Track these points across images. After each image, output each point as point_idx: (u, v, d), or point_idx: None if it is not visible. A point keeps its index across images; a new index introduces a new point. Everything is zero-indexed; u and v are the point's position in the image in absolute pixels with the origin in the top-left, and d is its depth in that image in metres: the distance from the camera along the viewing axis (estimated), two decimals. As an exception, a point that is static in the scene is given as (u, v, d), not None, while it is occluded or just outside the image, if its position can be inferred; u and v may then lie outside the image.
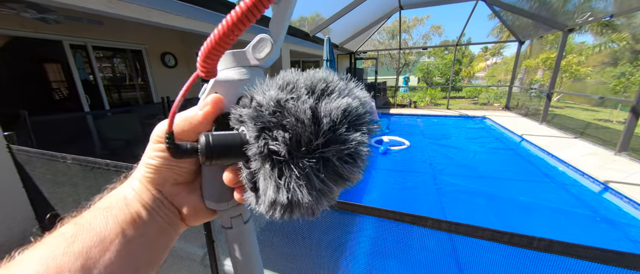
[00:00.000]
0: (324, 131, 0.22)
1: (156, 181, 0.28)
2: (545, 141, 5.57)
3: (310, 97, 0.23)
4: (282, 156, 0.21)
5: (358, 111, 0.24)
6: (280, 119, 0.22)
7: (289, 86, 0.23)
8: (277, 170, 0.22)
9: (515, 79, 10.34)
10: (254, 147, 0.22)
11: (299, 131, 0.21)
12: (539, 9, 6.78)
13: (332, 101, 0.23)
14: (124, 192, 0.28)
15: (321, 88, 0.24)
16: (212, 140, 0.22)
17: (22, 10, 3.49)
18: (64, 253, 0.21)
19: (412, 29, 21.53)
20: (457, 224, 0.67)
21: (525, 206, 3.52)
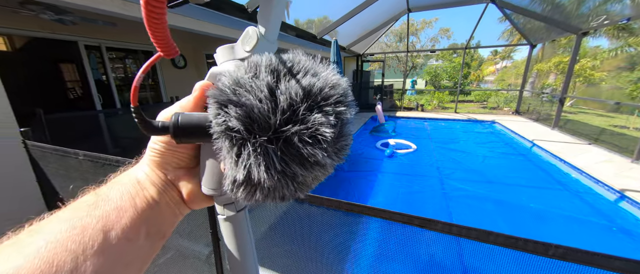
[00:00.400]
0: (283, 109, 0.21)
1: (161, 164, 0.30)
2: (557, 147, 5.41)
3: (273, 76, 0.23)
4: (239, 133, 0.21)
5: (323, 91, 0.23)
6: (239, 97, 0.22)
7: (254, 68, 0.24)
8: (235, 148, 0.22)
9: (526, 83, 10.11)
10: (214, 125, 0.22)
11: (255, 108, 0.21)
12: (551, 12, 6.63)
13: (295, 81, 0.23)
14: (135, 173, 0.30)
15: (286, 68, 0.24)
16: (180, 119, 0.23)
17: (40, 12, 3.63)
18: (88, 215, 0.24)
19: (420, 32, 21.39)
20: (469, 228, 0.65)
21: (536, 213, 3.41)
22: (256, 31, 0.28)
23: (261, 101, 0.21)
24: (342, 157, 0.25)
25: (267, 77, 0.22)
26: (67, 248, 0.21)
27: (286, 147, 0.22)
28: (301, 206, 1.09)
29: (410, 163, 5.29)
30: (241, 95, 0.22)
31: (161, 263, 1.30)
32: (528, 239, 0.61)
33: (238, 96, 0.22)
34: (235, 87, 0.22)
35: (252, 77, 0.23)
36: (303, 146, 0.21)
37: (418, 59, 22.01)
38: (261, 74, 0.23)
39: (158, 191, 0.29)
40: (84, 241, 0.22)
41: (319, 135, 0.22)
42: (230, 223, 0.33)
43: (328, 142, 0.23)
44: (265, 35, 0.28)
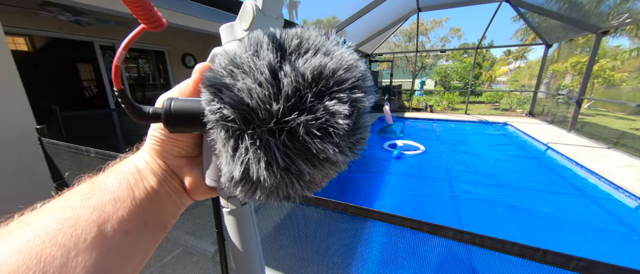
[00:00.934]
0: (287, 95, 0.18)
1: (161, 152, 0.29)
2: (573, 151, 5.20)
3: (276, 55, 0.19)
4: (235, 123, 0.18)
5: (336, 74, 0.19)
6: (236, 79, 0.18)
7: (255, 44, 0.20)
8: (232, 140, 0.19)
9: (541, 84, 9.79)
10: (209, 113, 0.19)
11: (253, 92, 0.18)
12: (569, 10, 6.38)
13: (302, 61, 0.19)
14: (135, 161, 0.29)
15: (293, 45, 0.20)
16: (173, 105, 0.21)
17: (58, 13, 3.76)
18: (82, 206, 0.23)
19: (430, 32, 21.05)
20: (482, 236, 0.62)
21: (550, 219, 3.29)
22: (253, 5, 0.23)
23: (261, 85, 0.18)
24: (357, 153, 0.22)
25: (269, 55, 0.19)
26: (57, 242, 0.20)
27: (291, 141, 0.18)
28: (306, 208, 1.07)
29: (418, 165, 5.20)
30: (237, 77, 0.18)
31: (168, 260, 1.32)
32: (547, 250, 0.57)
33: (234, 78, 0.19)
34: (231, 68, 0.19)
35: (252, 55, 0.19)
36: (311, 139, 0.18)
37: (427, 59, 21.67)
38: (262, 52, 0.19)
39: (158, 181, 0.28)
40: (76, 234, 0.21)
41: (331, 127, 0.18)
42: (234, 216, 0.31)
43: (341, 135, 0.19)
44: (263, 10, 0.24)
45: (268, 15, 0.25)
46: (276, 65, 0.19)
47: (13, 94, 2.12)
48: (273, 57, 0.19)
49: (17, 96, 2.14)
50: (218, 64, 0.20)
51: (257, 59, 0.19)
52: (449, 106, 12.89)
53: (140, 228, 0.25)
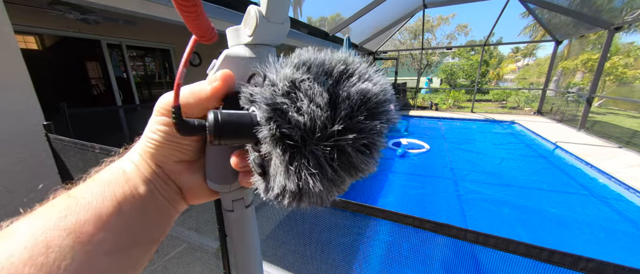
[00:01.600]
0: (341, 117, 0.20)
1: (157, 156, 0.26)
2: (583, 150, 5.08)
3: (328, 79, 0.21)
4: (295, 141, 0.20)
5: (378, 98, 0.22)
6: (294, 100, 0.20)
7: (305, 66, 0.21)
8: (288, 155, 0.20)
9: (550, 81, 9.57)
10: (265, 129, 0.20)
11: (314, 115, 0.20)
12: (580, 6, 6.21)
13: (352, 85, 0.21)
14: (123, 165, 0.26)
15: (340, 70, 0.22)
16: (221, 118, 0.21)
17: (67, 12, 3.82)
18: (55, 228, 0.19)
19: (436, 29, 20.77)
20: (486, 235, 0.61)
21: (558, 220, 3.22)
22: (256, 11, 0.24)
23: (321, 108, 0.20)
24: (378, 161, 0.24)
25: (327, 81, 0.21)
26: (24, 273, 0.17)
27: (339, 156, 0.20)
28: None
29: (422, 163, 5.15)
30: (297, 99, 0.20)
31: (172, 255, 1.33)
32: (554, 250, 0.55)
33: (293, 100, 0.20)
34: (290, 89, 0.20)
35: (308, 78, 0.21)
36: (355, 154, 0.21)
37: (433, 57, 21.40)
38: (319, 77, 0.21)
39: (150, 189, 0.25)
40: (47, 262, 0.18)
41: (373, 144, 0.21)
42: (238, 218, 0.32)
43: (379, 150, 0.22)
44: (267, 16, 0.24)
45: (272, 21, 0.25)
46: (331, 89, 0.21)
47: (23, 91, 2.16)
48: (330, 83, 0.21)
49: (27, 93, 2.18)
50: (271, 81, 0.21)
51: (316, 84, 0.21)
52: (455, 104, 12.72)
53: (128, 246, 0.23)
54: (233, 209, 0.30)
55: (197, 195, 0.29)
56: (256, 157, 0.23)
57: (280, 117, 0.20)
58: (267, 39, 0.26)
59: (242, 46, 0.27)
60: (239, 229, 0.32)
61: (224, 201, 0.31)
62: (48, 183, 2.17)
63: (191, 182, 0.28)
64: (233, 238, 0.33)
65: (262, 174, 0.23)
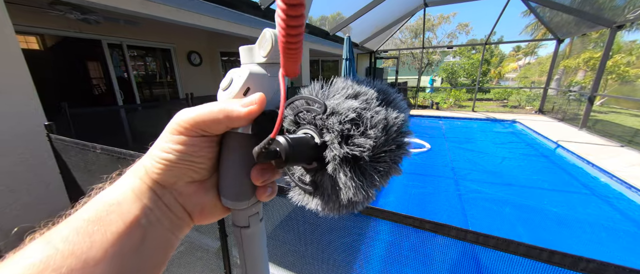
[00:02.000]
0: (393, 138, 0.25)
1: (167, 179, 0.24)
2: (584, 149, 5.07)
3: (382, 108, 0.25)
4: (361, 161, 0.24)
5: (406, 119, 0.27)
6: (358, 126, 0.24)
7: (361, 96, 0.26)
8: (355, 173, 0.24)
9: (552, 80, 9.53)
10: (336, 151, 0.23)
11: (378, 139, 0.23)
12: (582, 4, 6.17)
13: (395, 112, 0.26)
14: (117, 196, 0.23)
15: (383, 99, 0.27)
16: (292, 143, 0.23)
17: (67, 12, 3.83)
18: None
19: (436, 28, 20.70)
20: (486, 235, 0.60)
21: (559, 219, 3.22)
22: (272, 35, 0.26)
23: (381, 133, 0.24)
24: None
25: (383, 111, 0.25)
26: None
27: (384, 167, 0.25)
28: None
29: (423, 163, 5.15)
30: (362, 125, 0.24)
31: (173, 255, 1.34)
32: (554, 250, 0.55)
33: (358, 126, 0.24)
34: (356, 118, 0.24)
35: (366, 108, 0.25)
36: (393, 165, 0.26)
37: (434, 56, 21.34)
38: (375, 107, 0.25)
39: (150, 221, 0.23)
40: None
41: (404, 155, 0.26)
42: (254, 233, 0.31)
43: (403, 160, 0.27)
44: None
45: None
46: (386, 117, 0.25)
47: (25, 92, 2.17)
48: (384, 112, 0.25)
49: (29, 94, 2.19)
50: (334, 109, 0.24)
51: (375, 112, 0.24)
52: (456, 103, 12.69)
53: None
54: (249, 225, 0.30)
55: (209, 214, 0.28)
56: (302, 174, 0.27)
57: (349, 141, 0.23)
58: (279, 59, 0.27)
59: (252, 65, 0.28)
60: (253, 245, 0.32)
61: (239, 217, 0.30)
62: (52, 182, 2.18)
63: (204, 202, 0.27)
64: (246, 254, 0.32)
65: (313, 190, 0.26)
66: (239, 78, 0.26)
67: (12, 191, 2.11)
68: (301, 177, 0.27)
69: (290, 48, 0.22)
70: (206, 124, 0.24)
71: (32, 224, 0.23)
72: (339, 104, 0.24)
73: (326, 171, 0.24)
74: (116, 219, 0.21)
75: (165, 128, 0.25)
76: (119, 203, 0.22)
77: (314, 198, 0.26)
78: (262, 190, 0.28)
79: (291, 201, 0.28)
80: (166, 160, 0.24)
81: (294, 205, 1.05)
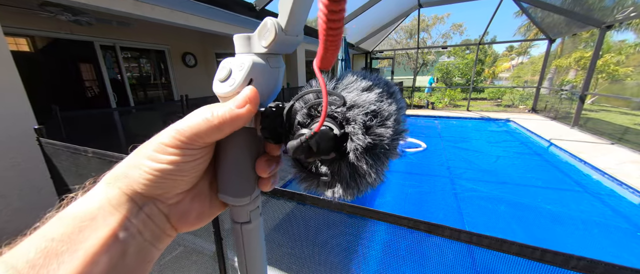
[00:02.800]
0: (400, 127, 0.27)
1: (153, 191, 0.22)
2: (576, 147, 5.16)
3: (392, 100, 0.27)
4: (382, 149, 0.25)
5: (403, 108, 0.28)
6: (375, 118, 0.25)
7: (374, 89, 0.26)
8: (374, 160, 0.25)
9: (544, 79, 9.69)
10: (360, 141, 0.24)
11: (394, 130, 0.25)
12: (572, 4, 6.29)
13: (397, 102, 0.27)
14: (90, 209, 0.20)
15: (390, 92, 0.28)
16: (319, 137, 0.24)
17: (58, 13, 3.76)
18: None
19: (431, 28, 20.89)
20: (480, 235, 0.61)
21: (553, 216, 3.27)
22: (275, 24, 0.24)
23: (395, 123, 0.25)
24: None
25: (394, 103, 0.26)
26: None
27: (391, 151, 0.27)
28: (304, 207, 1.07)
29: (419, 162, 5.18)
30: (381, 117, 0.25)
31: (167, 259, 1.32)
32: (546, 249, 0.56)
33: (376, 116, 0.25)
34: (374, 110, 0.25)
35: (387, 104, 0.26)
36: (394, 150, 0.27)
37: (429, 56, 21.53)
38: (390, 101, 0.26)
39: (130, 234, 0.21)
40: None
41: (402, 139, 0.28)
42: (255, 228, 0.31)
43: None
44: (286, 29, 0.25)
45: (290, 34, 0.25)
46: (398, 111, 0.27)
47: (13, 94, 2.12)
48: (396, 105, 0.26)
49: (18, 96, 2.15)
50: (354, 102, 0.25)
51: (387, 105, 0.26)
52: (451, 103, 12.81)
53: None
54: (250, 220, 0.29)
55: (194, 221, 0.27)
56: (319, 166, 0.27)
57: (370, 131, 0.24)
58: (280, 50, 0.27)
59: (249, 55, 0.26)
60: (254, 241, 0.31)
61: (241, 214, 0.29)
62: (42, 187, 2.13)
63: (189, 210, 0.26)
64: (247, 251, 0.31)
65: (330, 179, 0.27)
66: (241, 68, 0.25)
67: (3, 197, 2.06)
68: (319, 167, 0.28)
69: (332, 42, 0.22)
70: (207, 135, 0.23)
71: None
72: (358, 97, 0.25)
73: (344, 160, 0.25)
74: (89, 236, 0.19)
75: (155, 138, 0.23)
76: (93, 218, 0.20)
77: (329, 187, 0.27)
78: (266, 181, 0.28)
79: (303, 189, 0.29)
80: (158, 170, 0.22)
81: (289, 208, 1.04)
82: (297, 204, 1.05)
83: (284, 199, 0.95)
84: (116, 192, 0.22)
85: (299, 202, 0.96)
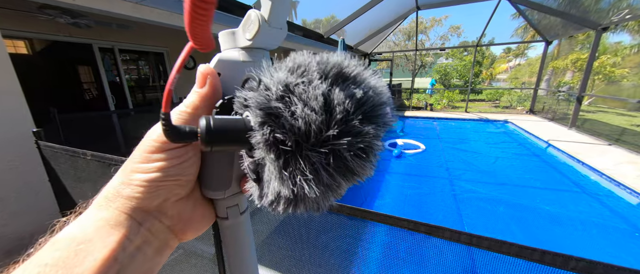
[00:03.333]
0: (336, 121, 0.19)
1: (151, 203, 0.22)
2: (574, 148, 5.18)
3: (323, 82, 0.20)
4: (289, 147, 0.19)
5: (374, 101, 0.21)
6: (288, 105, 0.20)
7: (300, 69, 0.21)
8: (282, 161, 0.20)
9: (542, 81, 9.76)
10: (258, 134, 0.20)
11: (308, 119, 0.19)
12: (568, 7, 6.35)
13: (347, 89, 0.21)
14: (86, 231, 0.20)
15: (335, 73, 0.21)
16: (213, 123, 0.20)
17: (57, 16, 3.76)
18: None
19: (429, 30, 21.01)
20: (479, 237, 0.61)
21: (552, 217, 3.27)
22: (258, 16, 0.24)
23: (316, 112, 0.19)
24: (375, 165, 0.24)
25: (322, 85, 0.20)
26: None
27: (335, 160, 0.20)
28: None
29: (418, 164, 5.19)
30: (291, 103, 0.20)
31: (167, 263, 1.31)
32: (546, 250, 0.56)
33: (287, 104, 0.20)
34: (284, 94, 0.20)
35: (302, 82, 0.20)
36: (352, 158, 0.20)
37: (427, 58, 21.64)
38: (314, 81, 0.20)
39: (130, 254, 0.20)
40: None
41: (370, 147, 0.21)
42: (232, 226, 0.30)
43: (376, 154, 0.22)
44: (269, 21, 0.24)
45: (273, 26, 0.24)
46: (327, 93, 0.20)
47: (11, 97, 2.12)
48: (325, 87, 0.20)
49: (16, 98, 2.14)
50: (265, 85, 0.21)
51: (311, 87, 0.20)
52: (449, 105, 12.86)
53: None
54: (227, 216, 0.29)
55: (197, 228, 0.26)
56: (251, 162, 0.23)
57: (274, 122, 0.19)
58: (265, 44, 0.26)
59: (236, 50, 0.26)
60: (232, 237, 0.31)
61: (219, 208, 0.30)
62: (40, 190, 2.12)
63: (191, 217, 0.25)
64: (227, 247, 0.32)
65: (257, 180, 0.23)
66: (209, 64, 0.25)
67: (0, 200, 2.05)
68: (249, 166, 0.23)
69: (199, 13, 0.18)
70: (179, 120, 0.23)
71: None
72: (272, 78, 0.21)
73: (265, 159, 0.21)
74: (84, 259, 0.18)
75: (136, 151, 0.23)
76: (89, 240, 0.19)
77: (257, 190, 0.23)
78: (245, 181, 0.26)
79: (248, 194, 0.25)
80: (149, 181, 0.22)
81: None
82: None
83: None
84: (113, 213, 0.21)
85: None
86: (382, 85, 0.23)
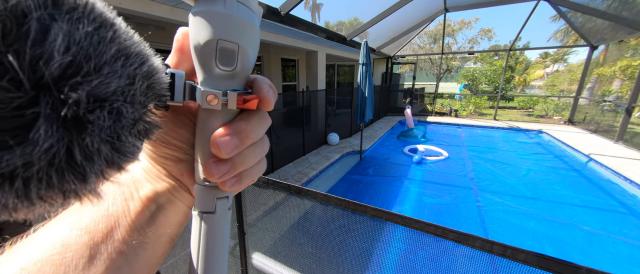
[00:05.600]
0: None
1: (156, 159, 0.25)
2: (621, 163, 4.67)
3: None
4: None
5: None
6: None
7: None
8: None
9: (584, 89, 8.94)
10: None
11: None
12: (619, 8, 5.76)
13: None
14: (133, 169, 0.24)
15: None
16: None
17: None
18: (70, 228, 0.20)
19: (457, 33, 20.14)
20: (515, 248, 0.57)
21: (591, 238, 2.98)
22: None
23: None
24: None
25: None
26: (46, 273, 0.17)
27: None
28: (325, 207, 1.07)
29: (440, 172, 4.98)
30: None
31: (167, 264, 1.34)
32: (592, 268, 0.51)
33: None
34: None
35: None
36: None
37: (454, 62, 20.75)
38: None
39: (156, 191, 0.24)
40: (65, 262, 0.18)
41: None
42: (220, 222, 0.25)
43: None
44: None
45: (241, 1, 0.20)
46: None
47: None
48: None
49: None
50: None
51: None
52: (476, 111, 12.21)
53: (139, 246, 0.22)
54: (215, 210, 0.24)
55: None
56: None
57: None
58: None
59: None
60: (215, 237, 0.24)
61: (206, 199, 0.24)
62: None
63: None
64: (204, 247, 0.24)
65: None
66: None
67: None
68: None
69: None
70: None
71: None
72: None
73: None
74: (130, 185, 0.24)
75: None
76: (133, 174, 0.24)
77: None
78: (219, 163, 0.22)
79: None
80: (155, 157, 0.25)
81: (310, 205, 1.04)
82: (315, 201, 1.05)
83: (300, 197, 0.96)
84: (146, 163, 0.25)
85: (322, 201, 0.97)
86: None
